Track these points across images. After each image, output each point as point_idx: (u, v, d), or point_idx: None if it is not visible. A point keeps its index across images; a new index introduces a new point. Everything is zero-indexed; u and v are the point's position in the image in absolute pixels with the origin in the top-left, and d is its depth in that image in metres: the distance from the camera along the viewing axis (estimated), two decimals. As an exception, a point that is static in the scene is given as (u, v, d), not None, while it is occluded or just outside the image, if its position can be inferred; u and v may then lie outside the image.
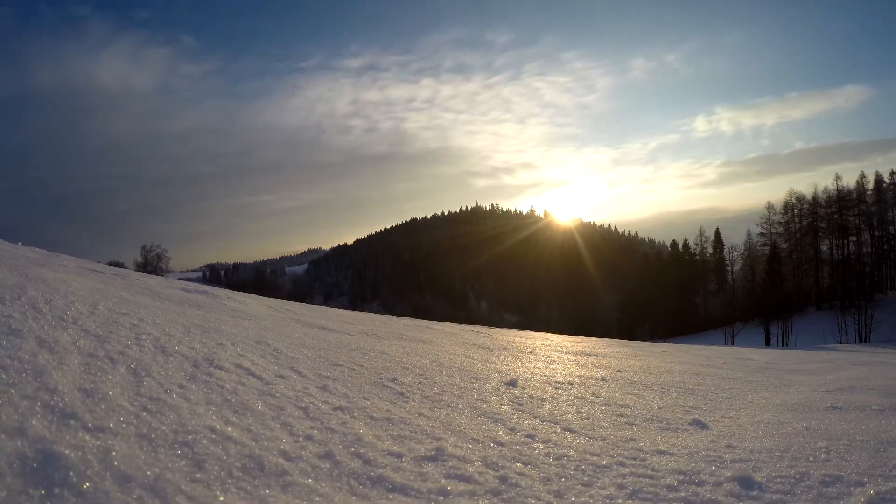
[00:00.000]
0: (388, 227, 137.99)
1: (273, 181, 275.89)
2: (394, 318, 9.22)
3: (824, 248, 52.48)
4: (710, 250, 57.29)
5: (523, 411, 3.13)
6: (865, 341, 34.46)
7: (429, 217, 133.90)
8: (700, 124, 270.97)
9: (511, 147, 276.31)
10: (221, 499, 1.47)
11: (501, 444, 2.43)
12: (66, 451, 1.44)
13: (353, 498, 1.68)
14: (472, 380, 3.90)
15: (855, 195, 50.98)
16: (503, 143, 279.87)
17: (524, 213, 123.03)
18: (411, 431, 2.41)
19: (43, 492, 1.27)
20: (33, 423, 1.56)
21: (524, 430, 2.71)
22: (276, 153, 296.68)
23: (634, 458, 2.43)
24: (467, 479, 1.95)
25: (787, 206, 53.84)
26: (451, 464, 2.07)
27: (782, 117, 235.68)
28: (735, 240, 55.69)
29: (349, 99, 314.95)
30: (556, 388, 4.06)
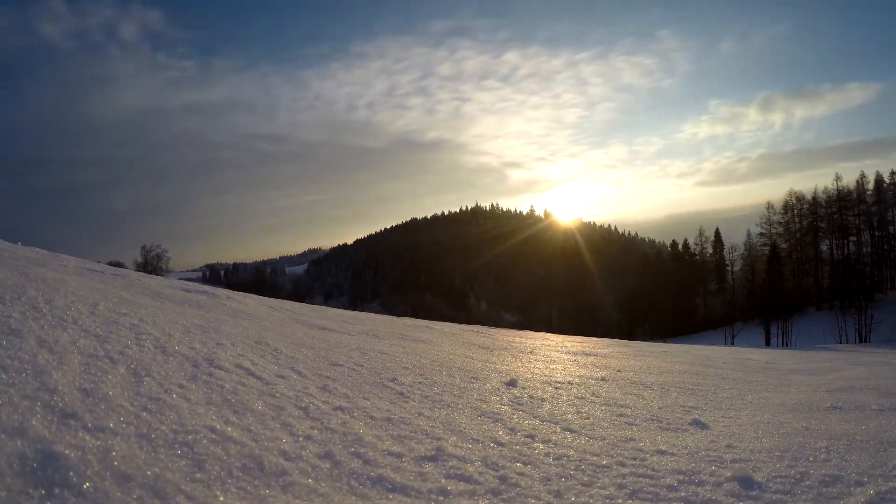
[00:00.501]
0: (388, 227, 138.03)
1: (299, 170, 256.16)
2: (394, 318, 9.22)
3: (824, 248, 52.44)
4: (710, 250, 57.32)
5: (523, 411, 3.13)
6: (865, 341, 34.44)
7: (429, 217, 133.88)
8: (753, 113, 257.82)
9: (564, 137, 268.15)
10: (221, 499, 1.47)
11: (501, 444, 2.43)
12: (66, 451, 1.44)
13: (353, 498, 1.68)
14: (472, 380, 3.90)
15: (855, 195, 50.96)
16: (559, 131, 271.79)
17: (524, 213, 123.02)
18: (411, 431, 2.41)
19: (43, 492, 1.27)
20: (33, 423, 1.56)
21: (524, 430, 2.71)
22: (314, 136, 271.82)
23: (634, 458, 2.43)
24: (467, 479, 1.95)
25: (787, 206, 53.84)
26: (451, 464, 2.07)
27: (834, 108, 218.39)
28: (735, 240, 55.74)
29: (418, 74, 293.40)
30: (556, 388, 4.06)
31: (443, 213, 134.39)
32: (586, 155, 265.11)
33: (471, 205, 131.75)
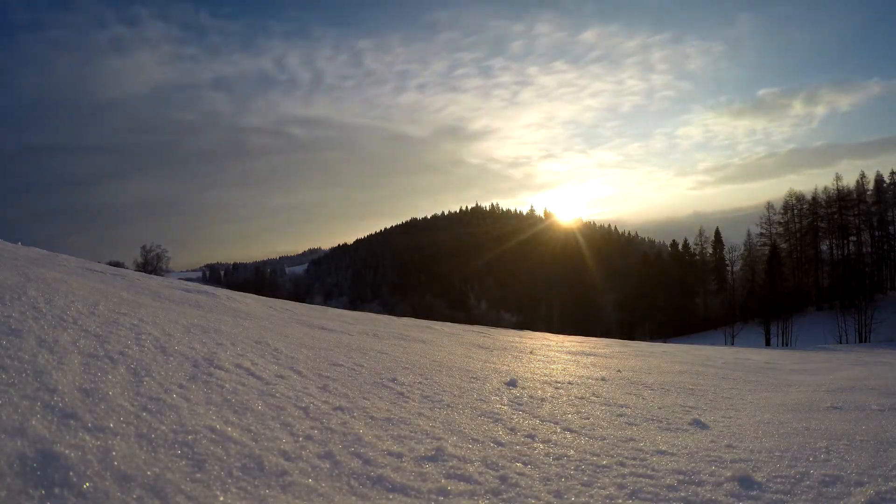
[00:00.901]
0: (388, 227, 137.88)
1: (327, 159, 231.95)
2: (394, 318, 9.22)
3: (824, 248, 52.42)
4: (710, 250, 57.29)
5: (523, 411, 3.13)
6: (865, 341, 34.40)
7: (429, 217, 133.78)
8: (798, 105, 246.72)
9: (612, 129, 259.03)
10: (221, 499, 1.47)
11: (501, 444, 2.43)
12: (66, 451, 1.44)
13: (353, 498, 1.68)
14: (472, 380, 3.90)
15: (855, 195, 50.94)
16: (609, 121, 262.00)
17: (524, 214, 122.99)
18: (411, 431, 2.41)
19: (43, 492, 1.27)
20: (33, 423, 1.56)
21: (524, 430, 2.71)
22: (354, 120, 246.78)
23: (634, 458, 2.43)
24: (467, 479, 1.95)
25: (787, 206, 53.84)
26: (451, 464, 2.07)
27: (873, 102, 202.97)
28: (735, 240, 55.72)
29: (485, 52, 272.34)
30: (556, 388, 4.06)
31: (443, 213, 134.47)
32: (626, 148, 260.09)
33: (471, 205, 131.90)
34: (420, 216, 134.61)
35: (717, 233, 57.92)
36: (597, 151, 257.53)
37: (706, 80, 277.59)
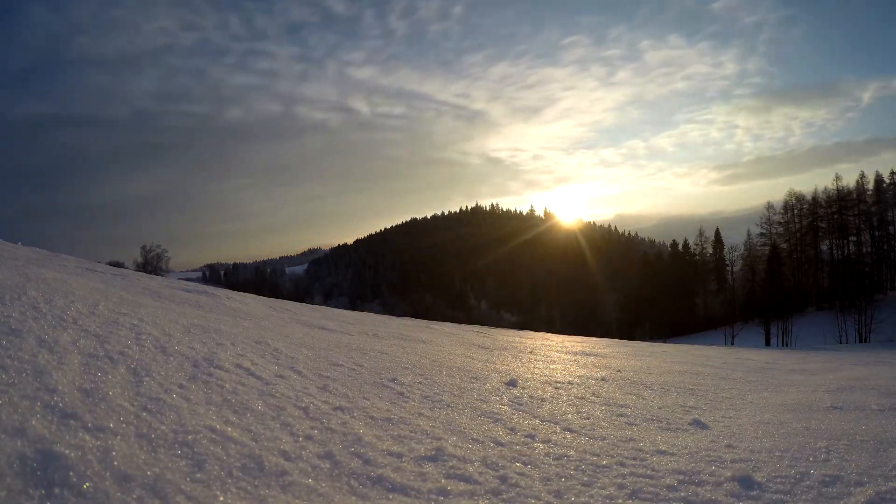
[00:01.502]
0: (388, 226, 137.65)
1: (389, 139, 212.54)
2: (394, 318, 9.22)
3: (824, 248, 52.43)
4: (710, 250, 57.31)
5: (523, 411, 3.13)
6: (865, 341, 34.40)
7: (429, 217, 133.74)
8: (867, 97, 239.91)
9: (684, 115, 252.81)
10: (221, 499, 1.47)
11: (501, 444, 2.43)
12: (66, 451, 1.44)
13: (353, 498, 1.68)
14: (472, 380, 3.90)
15: (855, 195, 50.94)
16: (686, 106, 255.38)
17: (524, 214, 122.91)
18: (411, 431, 2.41)
19: (43, 492, 1.27)
20: (33, 423, 1.56)
21: (524, 430, 2.71)
22: (431, 92, 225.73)
23: (634, 458, 2.43)
24: (467, 479, 1.95)
25: (787, 206, 53.85)
26: (451, 464, 2.07)
27: None
28: (735, 240, 55.71)
29: (611, 15, 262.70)
30: (556, 388, 4.06)
31: (443, 213, 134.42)
32: (686, 136, 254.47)
33: (471, 205, 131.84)
34: (424, 215, 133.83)
35: (718, 233, 57.97)
36: (658, 139, 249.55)
37: (792, 66, 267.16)
